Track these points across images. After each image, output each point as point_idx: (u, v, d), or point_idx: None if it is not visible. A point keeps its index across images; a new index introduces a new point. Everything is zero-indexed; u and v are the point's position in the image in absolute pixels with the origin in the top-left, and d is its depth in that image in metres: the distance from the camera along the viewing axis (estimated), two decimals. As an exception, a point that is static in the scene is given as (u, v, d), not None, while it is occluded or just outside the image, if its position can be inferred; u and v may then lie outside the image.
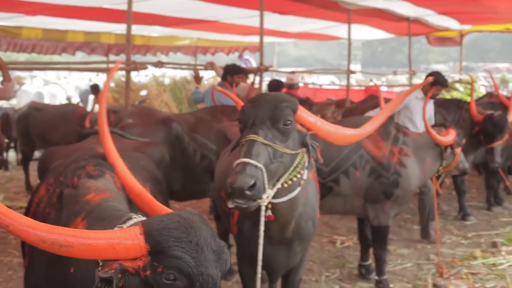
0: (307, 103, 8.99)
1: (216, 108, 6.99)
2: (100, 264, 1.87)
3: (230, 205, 2.95)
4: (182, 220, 1.83)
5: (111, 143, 2.78)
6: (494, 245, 7.09)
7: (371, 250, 5.84)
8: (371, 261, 6.03)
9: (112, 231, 1.86)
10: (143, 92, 16.33)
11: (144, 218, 2.02)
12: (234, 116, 7.25)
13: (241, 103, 3.98)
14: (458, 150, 5.58)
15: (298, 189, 3.37)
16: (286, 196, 3.33)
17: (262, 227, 3.31)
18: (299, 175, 3.32)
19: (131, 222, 2.00)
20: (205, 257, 1.78)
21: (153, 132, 6.18)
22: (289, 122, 3.15)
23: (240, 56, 18.91)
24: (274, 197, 3.24)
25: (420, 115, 6.66)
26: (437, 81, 6.93)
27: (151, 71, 18.40)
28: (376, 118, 3.84)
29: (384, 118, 3.93)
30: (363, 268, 6.07)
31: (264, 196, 3.04)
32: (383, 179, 5.19)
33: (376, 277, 5.65)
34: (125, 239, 1.81)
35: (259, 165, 2.95)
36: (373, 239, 5.59)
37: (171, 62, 10.79)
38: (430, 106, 7.30)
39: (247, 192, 2.86)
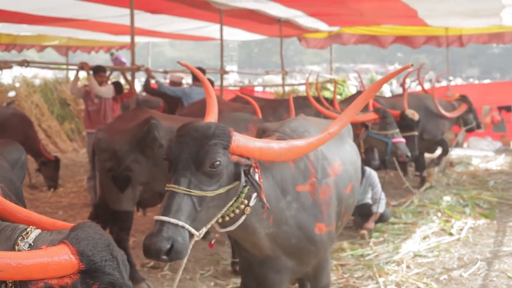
0: None
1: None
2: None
3: None
4: (102, 237, 1.99)
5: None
6: (362, 237, 7.40)
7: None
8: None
9: (41, 251, 1.88)
10: (12, 93, 15.62)
11: (40, 230, 2.06)
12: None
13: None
14: None
15: (243, 218, 3.08)
16: (233, 224, 3.09)
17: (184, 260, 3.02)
18: (242, 206, 3.02)
19: (32, 235, 2.01)
20: (121, 270, 1.99)
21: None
22: (217, 163, 2.81)
23: (112, 54, 18.63)
24: (223, 226, 3.11)
25: None
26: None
27: (20, 71, 17.67)
28: (340, 119, 3.25)
29: (349, 118, 3.29)
30: (236, 264, 6.09)
31: (197, 234, 2.83)
32: None
33: None
34: (58, 259, 1.86)
35: (180, 223, 2.70)
36: None
37: (38, 61, 10.34)
38: None
39: (164, 257, 2.65)
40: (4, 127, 9.34)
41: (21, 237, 2.00)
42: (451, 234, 7.51)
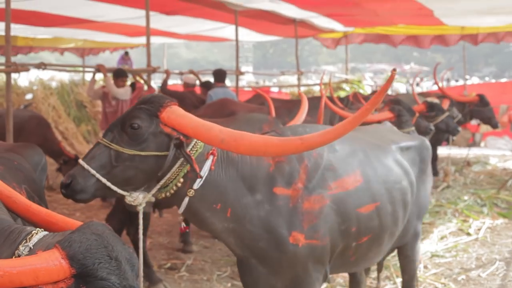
0: None
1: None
2: None
3: None
4: (98, 237, 1.87)
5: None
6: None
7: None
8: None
9: (31, 257, 1.83)
10: (29, 96, 15.75)
11: (46, 233, 2.01)
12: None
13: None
14: None
15: (186, 200, 3.12)
16: (180, 206, 3.15)
17: (140, 231, 3.32)
18: (179, 184, 3.08)
19: (35, 239, 1.97)
20: (124, 270, 1.87)
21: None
22: (135, 125, 3.03)
23: (127, 54, 18.64)
24: (178, 207, 3.20)
25: None
26: None
27: (37, 73, 17.81)
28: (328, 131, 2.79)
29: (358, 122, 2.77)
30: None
31: (131, 199, 3.12)
32: None
33: None
34: (47, 265, 1.79)
35: (86, 166, 3.04)
36: None
37: (54, 64, 10.41)
38: None
39: (62, 190, 3.05)
40: (22, 129, 9.40)
41: (24, 241, 1.97)
42: (469, 234, 7.47)
